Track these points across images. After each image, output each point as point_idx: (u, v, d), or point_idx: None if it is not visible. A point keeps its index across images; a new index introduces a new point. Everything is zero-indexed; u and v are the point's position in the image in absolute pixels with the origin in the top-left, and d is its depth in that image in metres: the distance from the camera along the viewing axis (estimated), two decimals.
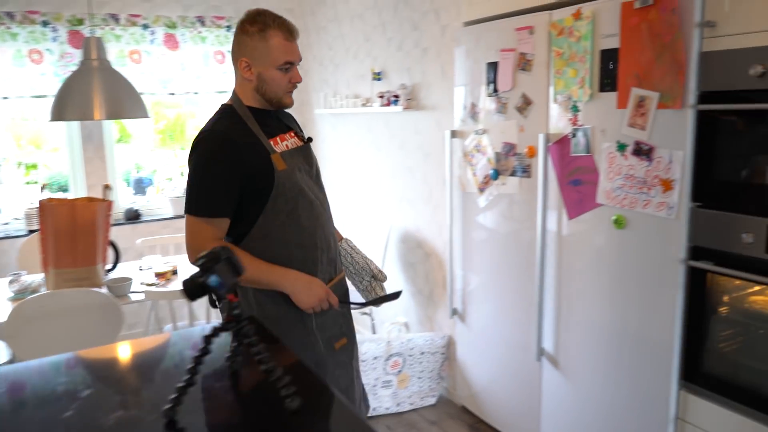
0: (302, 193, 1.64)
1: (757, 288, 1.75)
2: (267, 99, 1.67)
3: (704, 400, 1.85)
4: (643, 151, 1.93)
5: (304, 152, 1.75)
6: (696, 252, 1.77)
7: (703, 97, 1.75)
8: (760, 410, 1.71)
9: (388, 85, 3.48)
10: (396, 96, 3.29)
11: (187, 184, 1.60)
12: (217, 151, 1.57)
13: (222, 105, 1.71)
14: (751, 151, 1.67)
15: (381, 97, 3.40)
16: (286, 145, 1.69)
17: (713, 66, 1.71)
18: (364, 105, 3.62)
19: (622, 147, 1.98)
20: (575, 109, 2.14)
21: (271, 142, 1.64)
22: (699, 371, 1.86)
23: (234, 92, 1.70)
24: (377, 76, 3.53)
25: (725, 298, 1.85)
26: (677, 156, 1.82)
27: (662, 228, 1.87)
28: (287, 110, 1.79)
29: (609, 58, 1.99)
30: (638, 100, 1.93)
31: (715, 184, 1.76)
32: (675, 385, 1.93)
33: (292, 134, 1.76)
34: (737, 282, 1.75)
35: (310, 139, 1.81)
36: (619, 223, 2.00)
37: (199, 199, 1.59)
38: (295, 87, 1.67)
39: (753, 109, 1.63)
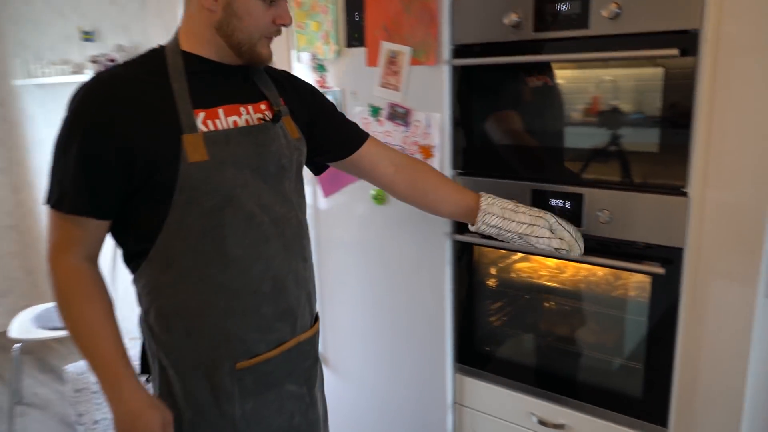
0: (232, 203, 1.06)
1: (520, 255, 1.71)
2: (233, 44, 1.10)
3: (480, 381, 1.74)
4: (398, 115, 1.69)
5: (259, 137, 1.12)
6: (461, 225, 1.59)
7: (458, 51, 1.56)
8: (533, 384, 1.64)
9: (102, 48, 2.87)
10: (112, 60, 2.71)
11: (51, 159, 1.04)
12: (91, 114, 0.99)
13: (150, 49, 1.11)
14: (507, 112, 1.52)
15: (94, 62, 2.79)
16: (234, 122, 1.10)
17: (467, 15, 1.52)
18: (74, 73, 2.96)
19: (375, 111, 1.72)
20: (321, 68, 1.83)
21: (199, 114, 1.05)
22: (473, 351, 1.74)
23: (176, 32, 1.12)
24: (88, 37, 2.88)
25: (493, 270, 1.76)
26: (435, 119, 1.61)
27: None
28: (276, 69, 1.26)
29: (354, 7, 1.71)
30: (389, 56, 1.68)
31: (475, 149, 1.60)
32: (450, 369, 1.80)
33: (266, 107, 1.16)
34: (502, 252, 1.68)
35: (277, 117, 1.16)
36: (379, 198, 1.77)
37: (59, 185, 1.02)
38: (279, 32, 1.13)
39: (508, 63, 1.46)
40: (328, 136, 1.27)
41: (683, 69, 1.20)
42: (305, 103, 1.24)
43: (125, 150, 0.98)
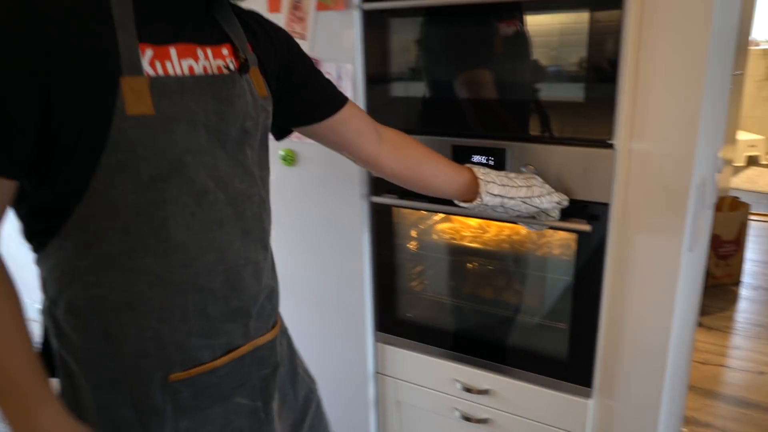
0: (180, 174, 0.81)
1: (441, 216, 1.65)
2: None
3: (402, 349, 1.66)
4: None
5: (222, 92, 0.85)
6: (378, 185, 1.51)
7: None
8: (456, 350, 1.57)
9: None
10: None
11: None
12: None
13: None
14: (426, 61, 1.39)
15: None
16: (189, 68, 0.83)
17: None
18: None
19: None
20: None
21: (146, 52, 0.78)
22: (394, 318, 1.66)
23: None
24: None
25: (413, 233, 1.67)
26: (347, 71, 1.46)
27: (338, 161, 1.52)
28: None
29: None
30: (294, 1, 1.50)
31: (391, 103, 1.47)
32: (370, 338, 1.71)
33: (228, 53, 0.89)
34: (422, 213, 1.61)
35: (245, 67, 0.90)
36: (288, 159, 1.62)
37: None
38: None
39: (425, 6, 1.32)
40: (301, 95, 1.04)
41: (609, 22, 1.13)
42: (278, 53, 0.99)
43: (41, 88, 0.71)
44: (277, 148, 1.66)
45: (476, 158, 1.36)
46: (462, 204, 1.19)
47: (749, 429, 2.20)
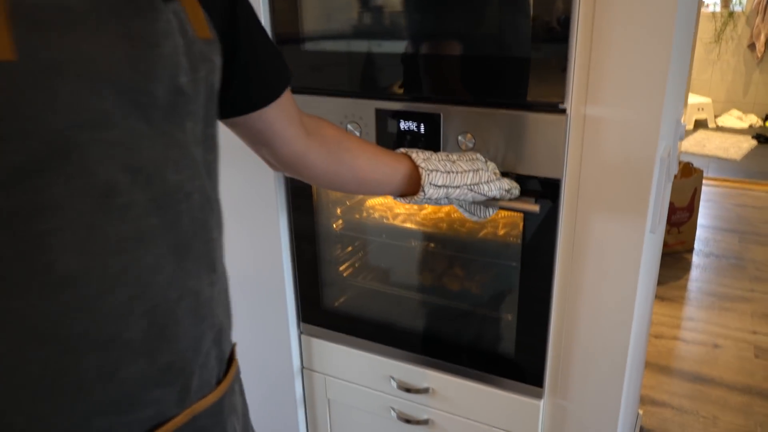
0: (70, 159, 0.50)
1: None
2: None
3: (330, 343, 1.50)
4: None
5: (133, 25, 0.52)
6: None
7: None
8: (391, 344, 1.41)
9: None
10: None
11: None
12: None
13: None
14: (344, 11, 1.16)
15: None
16: None
17: None
18: None
19: None
20: None
21: None
22: (319, 308, 1.48)
23: None
24: None
25: (338, 211, 1.49)
26: None
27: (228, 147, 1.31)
28: None
29: None
30: None
31: (304, 61, 1.25)
32: (294, 330, 1.53)
33: None
34: None
35: None
36: None
37: None
38: None
39: None
40: (241, 74, 0.73)
41: None
42: (223, 5, 0.68)
43: None
44: None
45: (404, 125, 1.15)
46: (399, 199, 0.98)
47: (706, 406, 2.11)
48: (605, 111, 0.98)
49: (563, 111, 1.00)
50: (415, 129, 1.15)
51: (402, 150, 0.98)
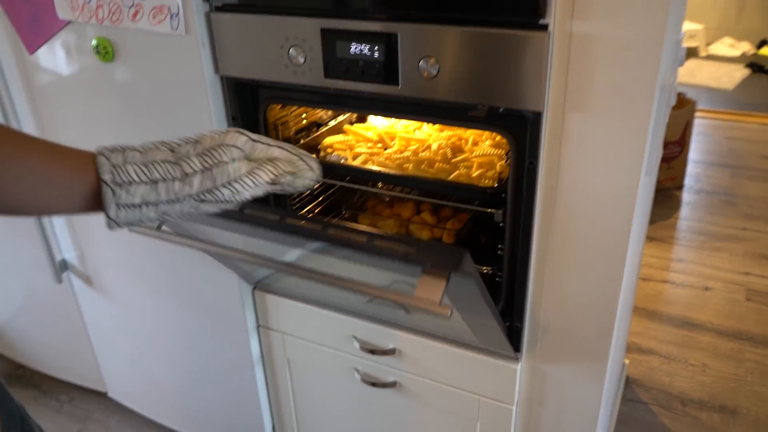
0: None
1: (329, 126, 1.40)
2: None
3: (286, 299, 1.37)
4: None
5: None
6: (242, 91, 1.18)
7: None
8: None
9: None
10: None
11: None
12: None
13: None
14: None
15: None
16: None
17: None
18: None
19: None
20: None
21: None
22: None
23: None
24: None
25: None
26: None
27: (173, 53, 1.17)
28: None
29: None
30: None
31: None
32: (245, 285, 1.39)
33: None
34: (302, 121, 1.37)
35: None
36: (104, 51, 1.22)
37: None
38: None
39: None
40: None
41: None
42: None
43: None
44: (90, 37, 1.23)
45: (354, 48, 0.98)
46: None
47: (694, 354, 2.02)
48: (596, 27, 0.84)
49: (544, 27, 0.85)
50: (368, 54, 0.98)
51: (95, 150, 0.61)
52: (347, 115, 1.46)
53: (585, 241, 0.99)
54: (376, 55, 0.97)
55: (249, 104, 1.20)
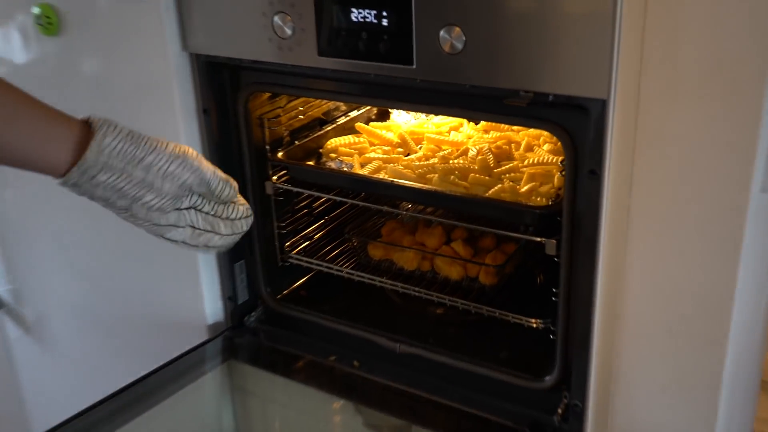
0: None
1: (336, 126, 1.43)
2: None
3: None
4: None
5: None
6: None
7: None
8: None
9: None
10: None
11: None
12: None
13: None
14: None
15: None
16: None
17: None
18: None
19: None
20: None
21: None
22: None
23: None
24: None
25: (280, 153, 1.37)
26: None
27: (130, 24, 1.20)
28: None
29: None
30: None
31: None
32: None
33: None
34: (298, 116, 1.38)
35: None
36: (48, 22, 1.24)
37: None
38: None
39: None
40: None
41: None
42: None
43: None
44: (26, 5, 1.27)
45: (356, 14, 0.98)
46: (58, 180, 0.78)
47: None
48: None
49: None
50: (375, 21, 0.97)
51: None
52: (364, 109, 1.46)
53: (673, 284, 0.95)
54: (384, 23, 0.96)
55: (227, 93, 1.20)
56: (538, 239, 1.07)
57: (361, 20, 0.97)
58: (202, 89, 1.18)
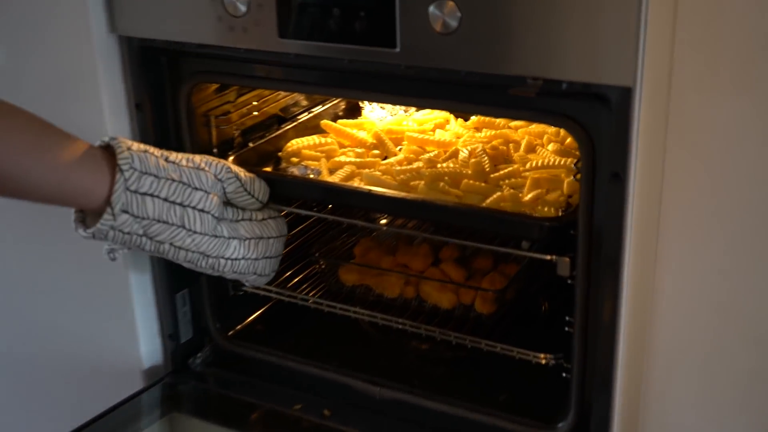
0: None
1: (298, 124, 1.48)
2: None
3: None
4: None
5: None
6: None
7: None
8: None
9: None
10: None
11: None
12: None
13: None
14: None
15: None
16: None
17: None
18: None
19: None
20: None
21: None
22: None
23: None
24: None
25: (230, 159, 1.37)
26: None
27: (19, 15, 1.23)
28: None
29: None
30: None
31: None
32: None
33: None
34: (252, 113, 1.42)
35: None
36: None
37: None
38: None
39: None
40: None
41: None
42: None
43: None
44: None
45: None
46: (82, 232, 1.04)
47: None
48: None
49: None
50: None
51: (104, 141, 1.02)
52: (330, 104, 1.48)
53: (713, 311, 0.96)
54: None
55: (165, 84, 1.21)
56: (548, 257, 1.08)
57: None
58: (134, 80, 1.19)
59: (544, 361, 1.15)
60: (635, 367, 1.01)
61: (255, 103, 1.36)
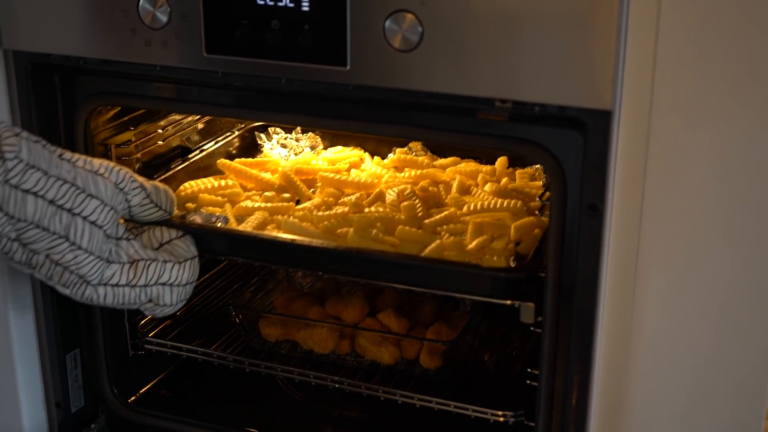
0: None
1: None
2: None
3: None
4: None
5: None
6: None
7: None
8: None
9: None
10: None
11: None
12: None
13: None
14: None
15: None
16: None
17: None
18: None
19: None
20: None
21: None
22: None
23: None
24: None
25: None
26: None
27: None
28: None
29: None
30: None
31: None
32: None
33: None
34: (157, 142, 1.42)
35: None
36: None
37: None
38: None
39: None
40: None
41: None
42: None
43: None
44: None
45: None
46: None
47: None
48: None
49: None
50: (291, 4, 1.00)
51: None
52: (224, 140, 1.48)
53: (696, 356, 1.00)
54: (305, 7, 0.98)
55: (57, 105, 1.21)
56: (508, 302, 1.09)
57: (271, 3, 0.99)
58: (21, 101, 1.18)
59: (502, 419, 1.16)
60: (611, 421, 1.04)
61: (160, 131, 1.35)
